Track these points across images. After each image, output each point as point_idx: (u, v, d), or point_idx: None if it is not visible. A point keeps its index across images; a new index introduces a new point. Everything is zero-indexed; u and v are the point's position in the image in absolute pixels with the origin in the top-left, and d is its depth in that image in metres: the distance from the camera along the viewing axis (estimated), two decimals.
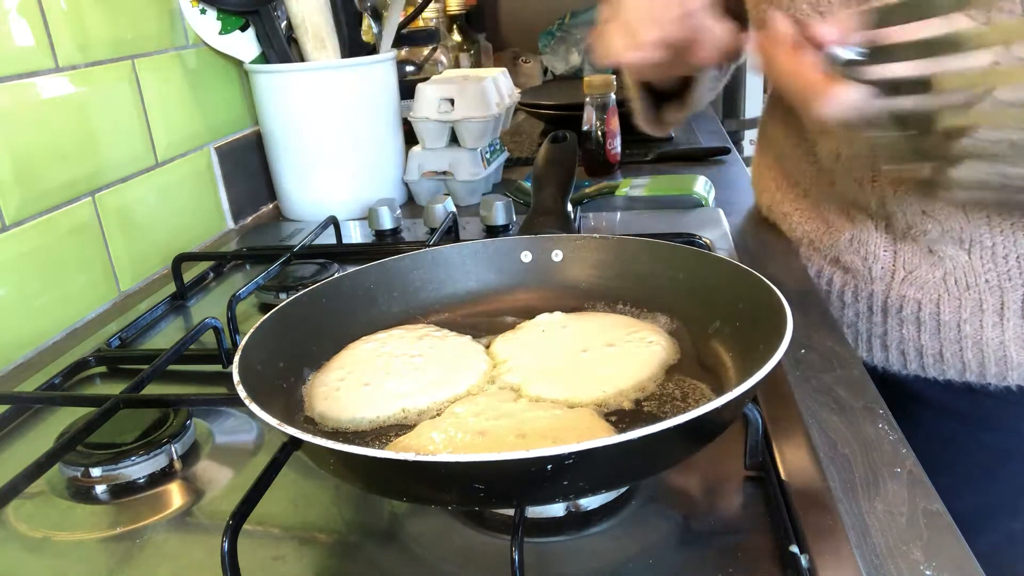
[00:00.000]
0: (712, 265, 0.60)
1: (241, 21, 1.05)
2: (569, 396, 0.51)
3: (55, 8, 0.81)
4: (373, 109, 1.09)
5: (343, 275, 0.63)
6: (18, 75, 0.77)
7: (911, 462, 0.51)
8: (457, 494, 0.40)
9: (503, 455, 0.35)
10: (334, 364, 0.57)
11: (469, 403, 0.51)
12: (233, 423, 0.61)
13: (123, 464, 0.53)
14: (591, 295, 0.66)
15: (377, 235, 0.99)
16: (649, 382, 0.53)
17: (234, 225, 1.13)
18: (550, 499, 0.42)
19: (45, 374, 0.69)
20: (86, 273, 0.85)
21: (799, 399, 0.57)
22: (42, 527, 0.50)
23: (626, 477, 0.43)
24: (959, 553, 0.43)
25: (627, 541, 0.45)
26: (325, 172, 1.09)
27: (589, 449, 0.35)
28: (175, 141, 1.00)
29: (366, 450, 0.37)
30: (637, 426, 0.36)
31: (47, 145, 0.80)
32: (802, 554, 0.41)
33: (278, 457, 0.44)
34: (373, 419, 0.51)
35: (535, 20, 1.98)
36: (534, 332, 0.60)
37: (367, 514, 0.49)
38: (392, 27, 1.10)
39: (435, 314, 0.66)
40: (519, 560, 0.36)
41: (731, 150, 1.32)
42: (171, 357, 0.64)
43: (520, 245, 0.68)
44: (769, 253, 0.88)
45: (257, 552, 0.45)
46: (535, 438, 0.45)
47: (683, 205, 1.02)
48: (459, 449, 0.45)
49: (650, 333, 0.57)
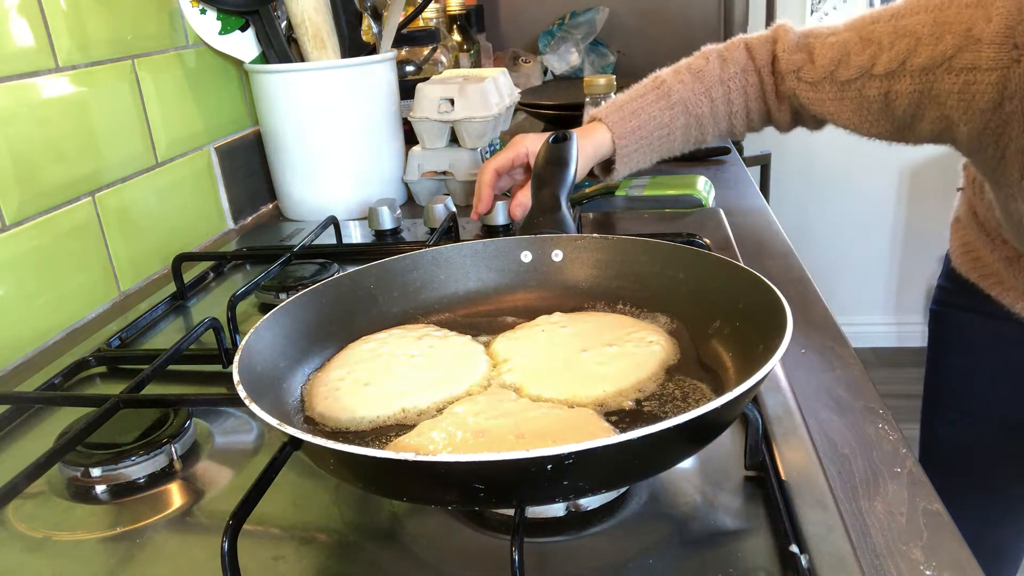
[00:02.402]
0: (712, 265, 0.60)
1: (241, 21, 1.05)
2: (569, 396, 0.51)
3: (55, 8, 0.81)
4: (373, 109, 1.09)
5: (343, 275, 0.63)
6: (18, 75, 0.77)
7: (911, 462, 0.51)
8: (457, 494, 0.40)
9: (503, 455, 0.35)
10: (334, 364, 0.57)
11: (469, 403, 0.51)
12: (233, 423, 0.61)
13: (123, 464, 0.53)
14: (591, 295, 0.65)
15: (377, 235, 0.99)
16: (649, 382, 0.53)
17: (234, 225, 1.13)
18: (550, 499, 0.42)
19: (45, 374, 0.69)
20: (86, 273, 0.85)
21: (799, 399, 0.57)
22: (42, 527, 0.50)
23: (626, 477, 0.43)
24: (959, 553, 0.43)
25: (627, 541, 0.45)
26: (325, 172, 1.09)
27: (589, 449, 0.35)
28: (175, 141, 1.00)
29: (366, 450, 0.37)
30: (637, 426, 0.36)
31: (47, 145, 0.80)
32: (802, 554, 0.41)
33: (278, 457, 0.44)
34: (373, 419, 0.51)
35: (535, 20, 1.98)
36: (534, 332, 0.60)
37: (367, 514, 0.49)
38: (392, 27, 1.10)
39: (435, 314, 0.66)
40: (519, 560, 0.36)
41: (731, 150, 1.32)
42: (171, 357, 0.64)
43: (520, 245, 0.68)
44: (769, 253, 0.88)
45: (257, 552, 0.45)
46: (535, 438, 0.45)
47: (683, 205, 1.02)
48: (459, 449, 0.45)
49: (650, 333, 0.57)
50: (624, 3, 1.92)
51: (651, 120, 0.91)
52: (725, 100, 0.90)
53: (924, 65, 0.72)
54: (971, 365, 1.00)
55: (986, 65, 0.67)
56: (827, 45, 0.81)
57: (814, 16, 2.44)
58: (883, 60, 0.75)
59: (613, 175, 0.94)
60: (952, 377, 1.02)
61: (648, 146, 0.92)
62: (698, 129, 0.92)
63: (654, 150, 0.93)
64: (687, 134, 0.93)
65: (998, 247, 0.90)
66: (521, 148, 0.91)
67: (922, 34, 0.72)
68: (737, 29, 1.87)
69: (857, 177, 2.58)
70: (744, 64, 0.89)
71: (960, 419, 1.01)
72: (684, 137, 0.93)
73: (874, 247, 2.67)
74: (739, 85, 0.90)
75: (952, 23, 0.70)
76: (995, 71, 0.67)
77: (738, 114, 0.91)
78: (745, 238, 0.91)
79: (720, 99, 0.90)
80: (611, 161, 0.93)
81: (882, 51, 0.75)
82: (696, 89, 0.90)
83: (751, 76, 0.89)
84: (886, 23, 0.76)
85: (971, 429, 1.00)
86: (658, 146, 0.93)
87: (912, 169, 2.57)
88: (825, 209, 2.64)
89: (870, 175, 2.58)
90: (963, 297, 0.97)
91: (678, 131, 0.92)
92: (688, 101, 0.90)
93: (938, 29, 0.71)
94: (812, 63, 0.83)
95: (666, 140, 0.92)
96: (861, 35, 0.78)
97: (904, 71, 0.74)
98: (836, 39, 0.81)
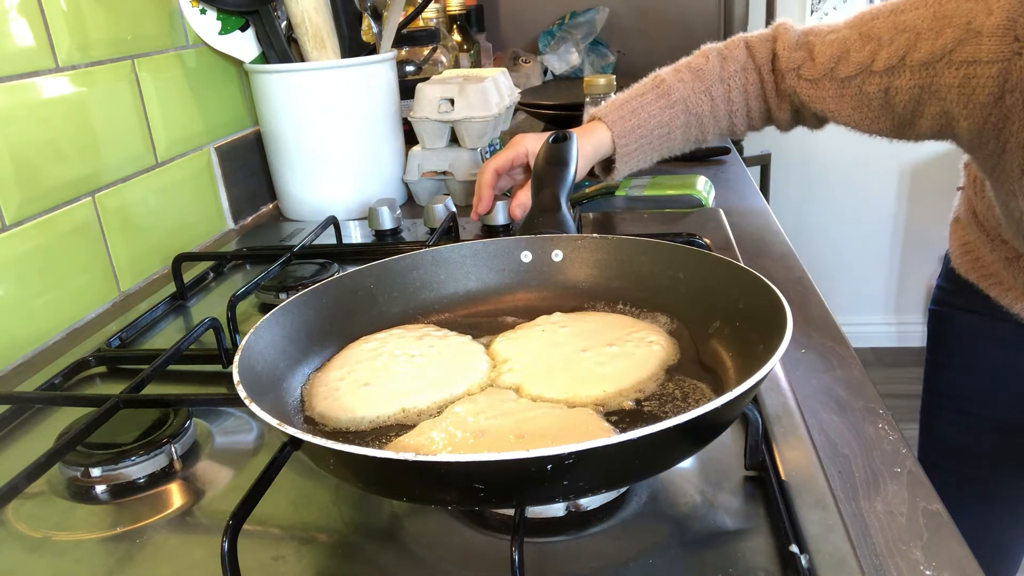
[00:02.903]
0: (712, 265, 0.60)
1: (241, 21, 1.05)
2: (569, 396, 0.51)
3: (55, 8, 0.81)
4: (373, 109, 1.09)
5: (343, 275, 0.63)
6: (18, 75, 0.77)
7: (911, 462, 0.51)
8: (457, 494, 0.40)
9: (503, 455, 0.35)
10: (334, 364, 0.57)
11: (469, 403, 0.51)
12: (233, 423, 0.61)
13: (123, 464, 0.53)
14: (591, 295, 0.65)
15: (377, 235, 0.99)
16: (649, 382, 0.53)
17: (234, 225, 1.13)
18: (550, 499, 0.42)
19: (45, 374, 0.69)
20: (86, 273, 0.85)
21: (799, 399, 0.57)
22: (42, 527, 0.50)
23: (626, 477, 0.43)
24: (959, 553, 0.43)
25: (627, 541, 0.45)
26: (325, 172, 1.09)
27: (589, 449, 0.35)
28: (175, 141, 1.00)
29: (366, 450, 0.37)
30: (637, 426, 0.36)
31: (47, 145, 0.80)
32: (802, 554, 0.41)
33: (278, 457, 0.44)
34: (373, 419, 0.51)
35: (535, 20, 1.98)
36: (534, 332, 0.60)
37: (367, 514, 0.49)
38: (392, 27, 1.10)
39: (435, 314, 0.66)
40: (519, 560, 0.36)
41: (731, 150, 1.32)
42: (171, 357, 0.64)
43: (520, 245, 0.68)
44: (769, 253, 0.88)
45: (257, 552, 0.45)
46: (535, 438, 0.45)
47: (683, 205, 1.02)
48: (459, 449, 0.45)
49: (650, 333, 0.57)
50: (624, 3, 1.92)
51: (651, 119, 0.91)
52: (725, 99, 0.90)
53: (924, 60, 0.72)
54: (970, 366, 0.99)
55: (987, 58, 0.67)
56: (827, 43, 0.81)
57: (814, 16, 2.44)
58: (883, 56, 0.75)
59: (614, 175, 0.94)
60: (951, 378, 1.02)
61: (648, 145, 0.92)
62: (698, 128, 0.92)
63: (654, 149, 0.93)
64: (687, 133, 0.93)
65: (998, 247, 0.90)
66: (521, 148, 0.91)
67: (922, 29, 0.72)
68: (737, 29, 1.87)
69: (857, 177, 2.58)
70: (744, 62, 0.89)
71: (959, 420, 1.01)
72: (684, 136, 0.93)
73: (874, 247, 2.67)
74: (739, 83, 0.90)
75: (952, 17, 0.70)
76: (996, 64, 0.67)
77: (738, 112, 0.91)
78: (745, 238, 0.91)
79: (720, 97, 0.90)
80: (611, 160, 0.93)
81: (882, 47, 0.75)
82: (696, 88, 0.90)
83: (751, 74, 0.89)
84: (885, 19, 0.76)
85: (970, 430, 1.00)
86: (658, 145, 0.93)
87: (912, 169, 2.57)
88: (825, 209, 2.64)
89: (870, 175, 2.58)
90: (962, 297, 0.97)
91: (678, 130, 0.92)
92: (688, 100, 0.90)
93: (938, 23, 0.71)
94: (812, 60, 0.83)
95: (666, 139, 0.92)
96: (861, 32, 0.78)
97: (904, 66, 0.74)
98: (836, 36, 0.81)
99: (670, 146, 0.94)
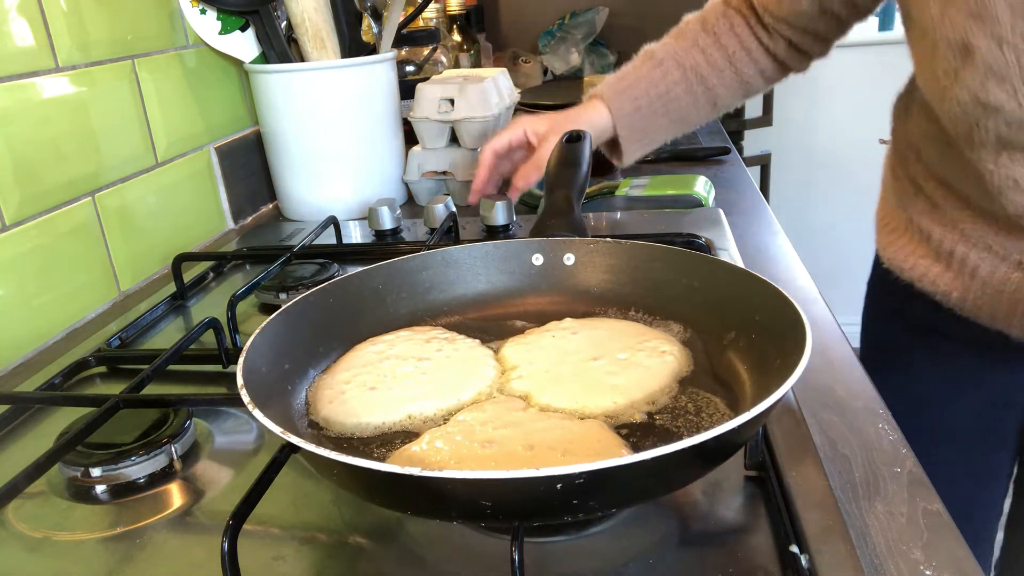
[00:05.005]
0: (728, 274, 0.58)
1: (241, 21, 1.05)
2: (579, 406, 0.50)
3: (55, 8, 0.81)
4: (373, 109, 1.09)
5: (351, 275, 0.62)
6: (18, 75, 0.77)
7: (911, 462, 0.51)
8: (462, 510, 0.39)
9: (511, 473, 0.34)
10: (340, 366, 0.56)
11: (476, 411, 0.50)
12: (233, 423, 0.60)
13: (123, 464, 0.53)
14: (603, 300, 0.64)
15: (377, 235, 0.99)
16: (661, 394, 0.51)
17: (234, 225, 1.13)
18: (558, 517, 0.40)
19: (45, 374, 0.69)
20: (86, 273, 0.85)
21: (799, 399, 0.57)
22: (42, 527, 0.50)
23: (637, 497, 0.42)
24: (959, 553, 0.43)
25: (627, 541, 0.45)
26: (325, 172, 1.09)
27: (601, 469, 0.34)
28: (175, 141, 1.00)
29: (369, 463, 0.36)
30: (649, 440, 0.35)
31: (47, 145, 0.80)
32: (802, 554, 0.41)
33: (278, 457, 0.43)
34: (379, 425, 0.50)
35: (535, 20, 1.98)
36: (544, 337, 0.58)
37: (367, 514, 0.49)
38: (392, 27, 1.10)
39: (444, 316, 0.65)
40: (519, 560, 0.36)
41: (731, 150, 1.32)
42: (171, 357, 0.64)
43: (531, 248, 0.67)
44: (769, 253, 0.88)
45: (257, 552, 0.45)
46: (544, 450, 0.44)
47: (683, 205, 1.02)
48: (465, 460, 0.44)
49: (663, 342, 0.56)
50: (624, 3, 1.92)
51: (641, 80, 0.90)
52: (716, 45, 0.90)
53: None
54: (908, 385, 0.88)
55: None
56: None
57: None
58: None
59: (622, 155, 0.92)
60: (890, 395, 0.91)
61: (649, 108, 0.90)
62: (701, 83, 0.91)
63: (657, 114, 0.91)
64: (691, 90, 0.91)
65: (921, 199, 0.79)
66: (519, 129, 0.90)
67: None
68: None
69: (857, 177, 2.58)
70: (723, 10, 0.91)
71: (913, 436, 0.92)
72: (689, 94, 0.91)
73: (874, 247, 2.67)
74: (725, 28, 0.90)
75: None
76: None
77: (737, 56, 0.90)
78: (745, 238, 0.91)
79: (710, 45, 0.90)
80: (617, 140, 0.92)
81: None
82: (681, 45, 0.91)
83: (734, 17, 0.90)
84: None
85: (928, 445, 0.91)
86: (661, 109, 0.91)
87: None
88: (825, 209, 2.64)
89: (870, 175, 2.55)
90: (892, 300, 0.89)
91: (679, 87, 0.90)
92: (676, 55, 0.90)
93: None
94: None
95: (671, 102, 0.91)
96: None
97: None
98: None
99: (678, 110, 0.92)
